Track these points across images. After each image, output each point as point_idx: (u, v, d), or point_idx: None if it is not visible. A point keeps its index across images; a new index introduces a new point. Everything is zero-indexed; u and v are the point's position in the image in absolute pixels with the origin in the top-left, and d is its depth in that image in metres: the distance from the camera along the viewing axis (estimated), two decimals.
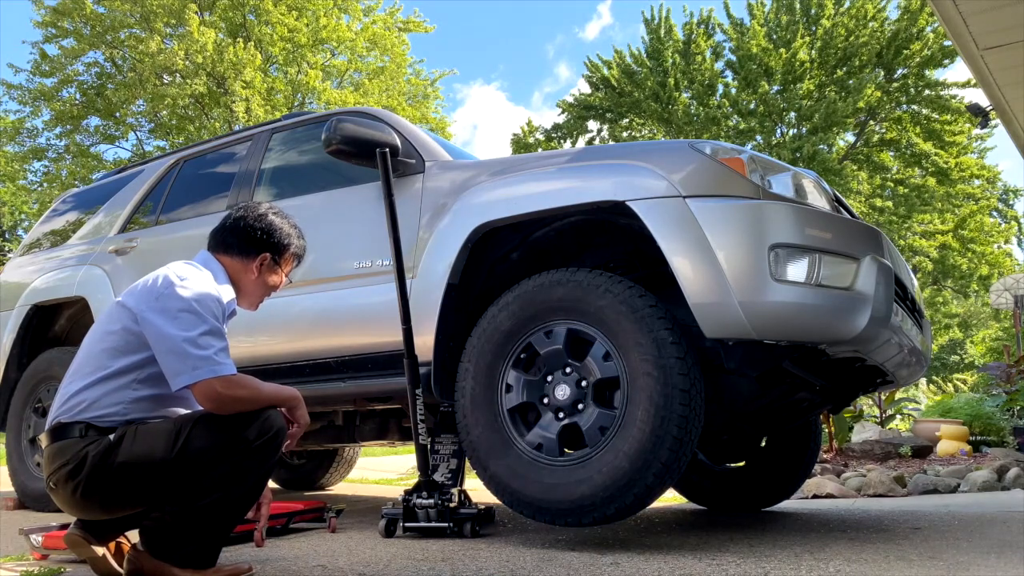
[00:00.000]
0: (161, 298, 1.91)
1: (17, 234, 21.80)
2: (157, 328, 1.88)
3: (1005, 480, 4.62)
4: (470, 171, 2.91)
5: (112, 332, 1.96)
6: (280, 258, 2.21)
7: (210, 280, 2.02)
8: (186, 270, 2.01)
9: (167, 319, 1.88)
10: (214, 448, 1.85)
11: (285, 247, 2.22)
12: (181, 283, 1.94)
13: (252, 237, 2.16)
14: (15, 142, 17.57)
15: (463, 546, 2.44)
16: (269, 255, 2.18)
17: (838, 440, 5.93)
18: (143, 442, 1.86)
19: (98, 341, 1.98)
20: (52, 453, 1.91)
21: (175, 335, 1.85)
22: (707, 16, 21.13)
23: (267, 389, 1.96)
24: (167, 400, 1.98)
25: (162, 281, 1.95)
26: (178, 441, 1.85)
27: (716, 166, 2.41)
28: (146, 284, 1.98)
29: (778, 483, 3.49)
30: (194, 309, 1.89)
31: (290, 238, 2.23)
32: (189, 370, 1.84)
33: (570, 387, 2.43)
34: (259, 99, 15.94)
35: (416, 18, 18.94)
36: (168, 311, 1.89)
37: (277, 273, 2.23)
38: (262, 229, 2.18)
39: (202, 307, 1.91)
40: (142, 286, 1.98)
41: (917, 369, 2.85)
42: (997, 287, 14.23)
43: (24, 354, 4.30)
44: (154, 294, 1.93)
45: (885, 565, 2.07)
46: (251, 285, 2.18)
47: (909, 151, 19.96)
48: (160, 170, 4.24)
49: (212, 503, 1.87)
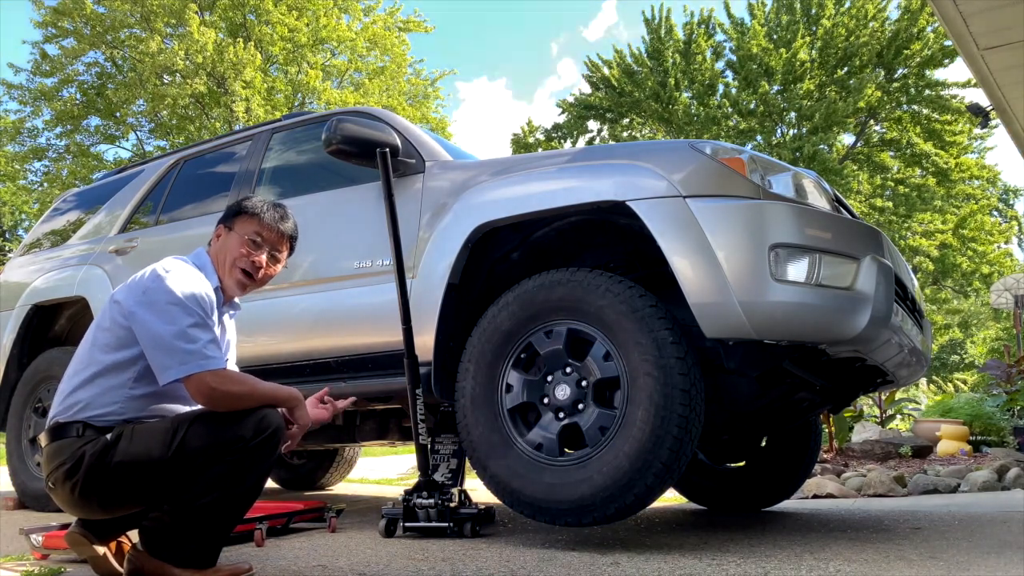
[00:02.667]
0: (148, 292, 1.90)
1: (17, 234, 21.82)
2: (144, 322, 1.86)
3: (1005, 480, 4.62)
4: (470, 171, 2.91)
5: (104, 329, 1.95)
6: (231, 222, 2.11)
7: (196, 273, 2.00)
8: (173, 264, 1.99)
9: (154, 313, 1.86)
10: (210, 447, 1.85)
11: (235, 212, 2.12)
12: (167, 275, 1.92)
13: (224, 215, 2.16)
14: (15, 142, 17.61)
15: (463, 546, 2.43)
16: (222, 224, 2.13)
17: (838, 440, 5.93)
18: (140, 442, 1.86)
19: (92, 339, 1.98)
20: (50, 453, 1.91)
21: (162, 329, 1.84)
22: (707, 16, 21.15)
23: (264, 387, 1.94)
24: (164, 398, 1.97)
25: (149, 275, 1.93)
26: (174, 440, 1.84)
27: (716, 166, 2.41)
28: (135, 279, 1.97)
29: (778, 483, 3.49)
30: (180, 302, 1.87)
31: (244, 201, 2.14)
32: (177, 364, 1.83)
33: (570, 387, 2.43)
34: (259, 99, 15.95)
35: (416, 18, 18.97)
36: (155, 304, 1.87)
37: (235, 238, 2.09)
38: (231, 206, 2.16)
39: (188, 299, 1.89)
40: (131, 281, 1.98)
41: (917, 369, 2.85)
42: (997, 287, 14.23)
43: (24, 354, 4.30)
44: (141, 288, 1.91)
45: (885, 565, 2.07)
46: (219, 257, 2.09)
47: (909, 151, 19.97)
48: (160, 170, 4.24)
49: (211, 502, 1.86)
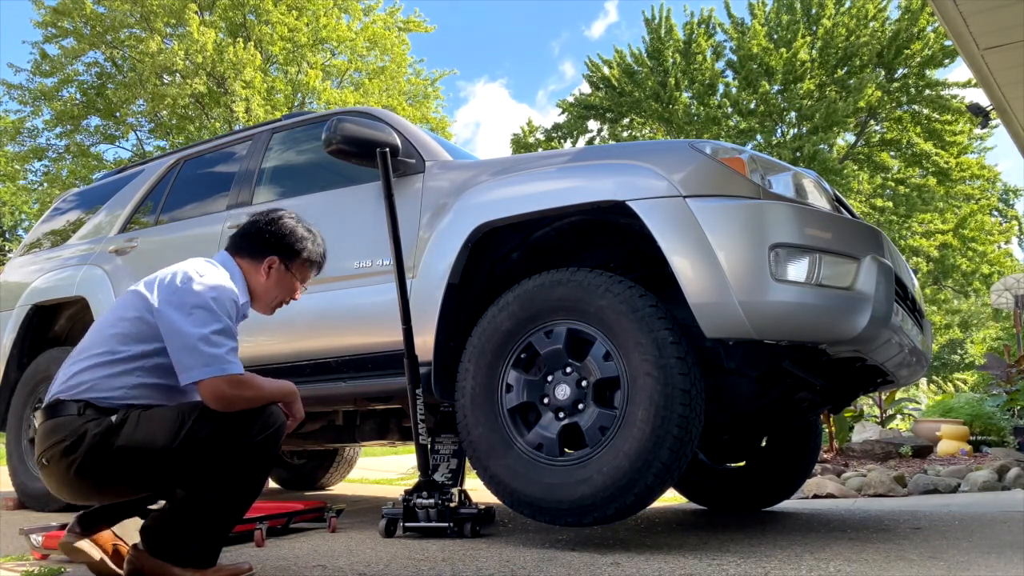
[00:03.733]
0: (178, 292, 1.93)
1: (17, 234, 21.83)
2: (172, 322, 1.89)
3: (1005, 480, 4.62)
4: (470, 171, 2.91)
5: (126, 319, 1.96)
6: (291, 263, 2.17)
7: (227, 278, 2.03)
8: (205, 267, 2.02)
9: (183, 314, 1.89)
10: (217, 440, 1.85)
11: (295, 253, 2.17)
12: (200, 279, 1.95)
13: (262, 239, 2.15)
14: (15, 142, 17.59)
15: (463, 546, 2.43)
16: (278, 259, 2.15)
17: (838, 440, 5.92)
18: (146, 427, 1.85)
19: (110, 325, 1.98)
20: (48, 429, 1.90)
21: (190, 331, 1.87)
22: (708, 16, 21.13)
23: (269, 386, 1.97)
24: (168, 391, 1.97)
25: (181, 276, 1.96)
26: (181, 430, 1.85)
27: (716, 166, 2.41)
28: (164, 278, 1.98)
29: (778, 483, 3.49)
30: (209, 306, 1.91)
31: (303, 243, 2.18)
32: (200, 366, 1.85)
33: (570, 387, 2.42)
34: (259, 99, 15.93)
35: (416, 18, 18.96)
36: (184, 306, 1.90)
37: (289, 279, 2.18)
38: (272, 232, 2.15)
39: (218, 305, 1.92)
40: (161, 279, 1.99)
41: (917, 369, 2.85)
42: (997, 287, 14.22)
43: (24, 354, 4.30)
44: (172, 288, 1.94)
45: (885, 565, 2.07)
46: (261, 289, 2.16)
47: (909, 151, 19.96)
48: (160, 170, 4.24)
49: (215, 497, 1.87)
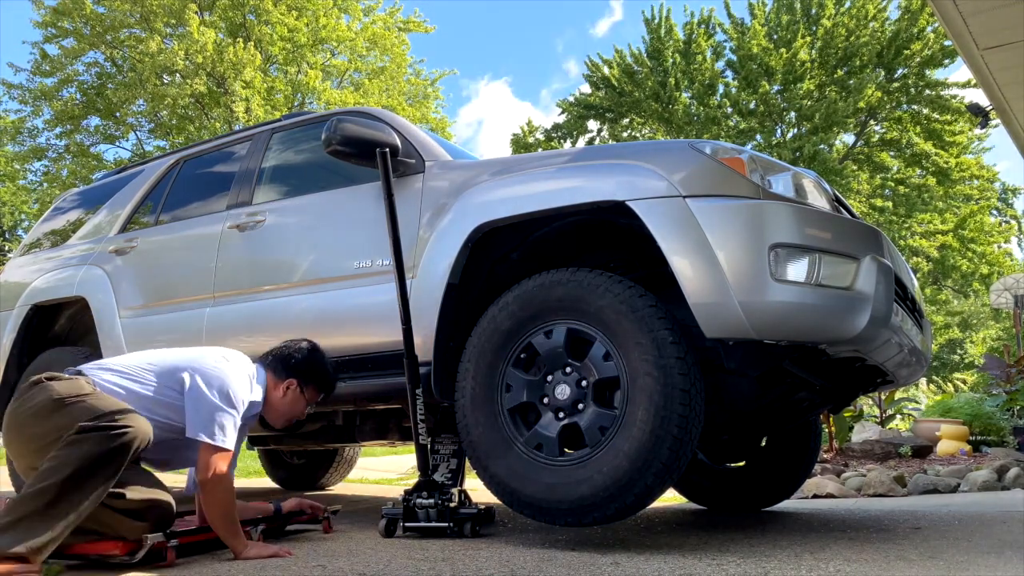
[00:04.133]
0: (210, 375, 2.32)
1: (17, 234, 21.81)
2: (198, 388, 2.28)
3: (1005, 480, 4.62)
4: (470, 171, 2.91)
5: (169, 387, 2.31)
6: (305, 387, 2.57)
7: (250, 387, 2.42)
8: (241, 372, 2.42)
9: (209, 389, 2.29)
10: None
11: (311, 380, 2.58)
12: (231, 376, 2.35)
13: (288, 363, 2.56)
14: (15, 142, 17.60)
15: (463, 546, 2.43)
16: (296, 381, 2.55)
17: (838, 440, 5.93)
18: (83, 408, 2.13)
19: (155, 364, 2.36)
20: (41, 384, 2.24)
21: (209, 400, 2.27)
22: (708, 16, 21.14)
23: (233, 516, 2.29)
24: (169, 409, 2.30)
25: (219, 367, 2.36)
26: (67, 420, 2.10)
27: (716, 166, 2.41)
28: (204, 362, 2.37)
29: (778, 483, 3.49)
30: (229, 396, 2.31)
31: (321, 375, 2.60)
32: (204, 426, 2.25)
33: (570, 387, 2.42)
34: (259, 99, 15.94)
35: (416, 18, 18.95)
36: (212, 384, 2.30)
37: (301, 401, 2.57)
38: (298, 359, 2.56)
39: (236, 400, 2.33)
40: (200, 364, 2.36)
41: (917, 369, 2.85)
42: (997, 287, 14.23)
43: (24, 354, 4.28)
44: (207, 370, 2.33)
45: (885, 565, 2.07)
46: (277, 402, 2.53)
47: (909, 151, 19.97)
48: (160, 170, 4.23)
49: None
